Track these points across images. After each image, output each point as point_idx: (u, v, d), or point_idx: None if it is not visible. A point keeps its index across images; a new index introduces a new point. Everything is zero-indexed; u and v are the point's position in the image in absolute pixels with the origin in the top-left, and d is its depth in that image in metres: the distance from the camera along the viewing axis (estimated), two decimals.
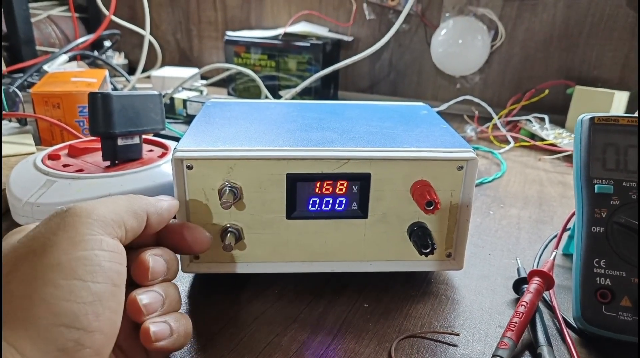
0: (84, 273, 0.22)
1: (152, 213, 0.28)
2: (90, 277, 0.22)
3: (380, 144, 0.35)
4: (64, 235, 0.22)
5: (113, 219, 0.24)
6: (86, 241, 0.22)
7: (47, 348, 0.20)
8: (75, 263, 0.22)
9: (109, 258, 0.23)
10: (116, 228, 0.24)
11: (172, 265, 0.28)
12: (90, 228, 0.23)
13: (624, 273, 0.32)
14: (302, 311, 0.35)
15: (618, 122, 0.37)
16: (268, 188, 0.34)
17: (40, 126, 0.65)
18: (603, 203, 0.35)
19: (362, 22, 1.01)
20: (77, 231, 0.23)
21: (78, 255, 0.22)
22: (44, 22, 1.09)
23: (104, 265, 0.22)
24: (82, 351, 0.21)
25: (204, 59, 1.19)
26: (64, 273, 0.21)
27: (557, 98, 0.89)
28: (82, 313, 0.21)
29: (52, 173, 0.44)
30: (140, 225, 0.27)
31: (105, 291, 0.22)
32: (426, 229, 0.36)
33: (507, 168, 0.68)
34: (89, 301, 0.21)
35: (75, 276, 0.21)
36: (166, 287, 0.27)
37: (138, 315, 0.25)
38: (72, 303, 0.21)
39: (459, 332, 0.33)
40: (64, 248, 0.22)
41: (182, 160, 0.33)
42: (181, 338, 0.26)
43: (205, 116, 0.42)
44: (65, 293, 0.21)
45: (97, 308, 0.22)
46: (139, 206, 0.27)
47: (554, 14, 0.87)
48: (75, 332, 0.21)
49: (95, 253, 0.22)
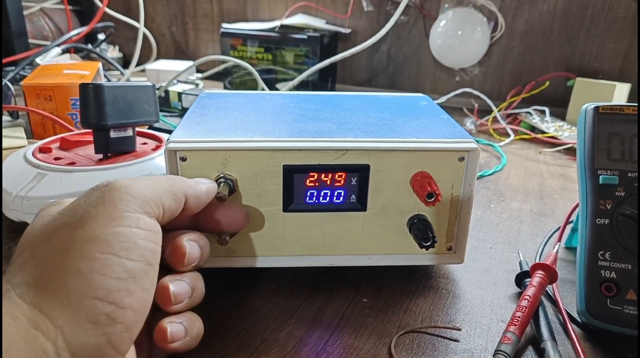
0: (120, 249, 0.22)
1: (190, 196, 0.27)
2: (125, 253, 0.22)
3: (379, 135, 0.34)
4: (103, 209, 0.22)
5: (151, 198, 0.24)
6: (123, 218, 0.22)
7: (80, 319, 0.20)
8: (112, 238, 0.22)
9: (144, 236, 0.23)
10: (154, 207, 0.24)
11: (205, 251, 0.28)
12: (129, 204, 0.23)
13: (629, 266, 0.32)
14: (300, 307, 0.34)
15: (623, 112, 0.36)
16: (264, 180, 0.33)
17: (32, 119, 0.63)
18: (608, 194, 0.34)
19: (360, 14, 1.00)
20: (115, 207, 0.22)
21: (115, 231, 0.22)
22: (37, 14, 1.08)
23: (139, 243, 0.22)
24: (114, 326, 0.21)
25: (200, 52, 1.17)
26: (100, 247, 0.21)
27: (557, 90, 0.88)
28: (116, 289, 0.21)
29: (42, 166, 0.43)
30: (178, 207, 0.26)
31: (139, 269, 0.22)
32: (426, 222, 0.35)
33: (508, 161, 0.67)
34: (122, 277, 0.21)
35: (111, 251, 0.21)
36: (194, 279, 0.27)
37: (166, 302, 0.25)
38: (107, 277, 0.21)
39: (460, 326, 0.32)
40: (101, 222, 0.22)
41: (176, 151, 0.32)
42: (193, 340, 0.26)
43: (200, 107, 0.41)
44: (101, 266, 0.21)
45: (130, 285, 0.21)
46: (178, 188, 0.27)
47: (554, 5, 0.86)
48: (107, 306, 0.21)
49: (131, 230, 0.22)
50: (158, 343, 0.25)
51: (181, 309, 0.26)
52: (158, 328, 0.25)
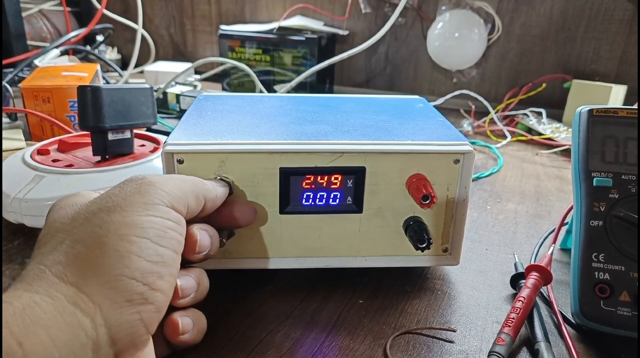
0: (154, 236, 0.23)
1: (209, 199, 0.29)
2: (159, 240, 0.23)
3: (375, 138, 0.35)
4: (139, 199, 0.24)
5: (180, 196, 0.26)
6: (157, 208, 0.24)
7: (117, 297, 0.21)
8: (148, 224, 0.23)
9: (174, 227, 0.25)
10: (181, 205, 0.26)
11: (215, 241, 0.29)
12: (162, 198, 0.25)
13: (623, 268, 0.32)
14: (296, 308, 0.34)
15: (617, 114, 0.36)
16: (261, 182, 0.34)
17: (31, 120, 0.64)
18: (602, 196, 0.34)
19: (358, 16, 1.00)
20: (150, 198, 0.24)
21: (150, 219, 0.24)
22: (36, 16, 1.08)
23: (168, 233, 0.24)
24: (146, 305, 0.22)
25: (198, 53, 1.17)
26: (137, 231, 0.23)
27: (554, 92, 0.89)
28: (149, 271, 0.22)
29: (40, 168, 0.43)
30: (198, 208, 0.28)
31: (169, 255, 0.24)
32: (422, 223, 0.35)
33: (504, 162, 0.67)
34: (155, 261, 0.23)
35: (146, 235, 0.23)
36: (200, 275, 0.28)
37: (174, 296, 0.26)
38: (142, 259, 0.22)
39: (455, 328, 0.33)
40: (137, 210, 0.23)
41: (173, 154, 0.32)
42: (200, 334, 0.28)
43: (197, 109, 0.41)
44: (138, 249, 0.22)
45: (161, 269, 0.23)
46: (200, 191, 0.28)
47: (551, 7, 0.86)
48: (142, 286, 0.22)
49: (163, 220, 0.24)
50: (169, 335, 0.26)
51: (187, 303, 0.27)
52: (170, 321, 0.26)
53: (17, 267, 0.38)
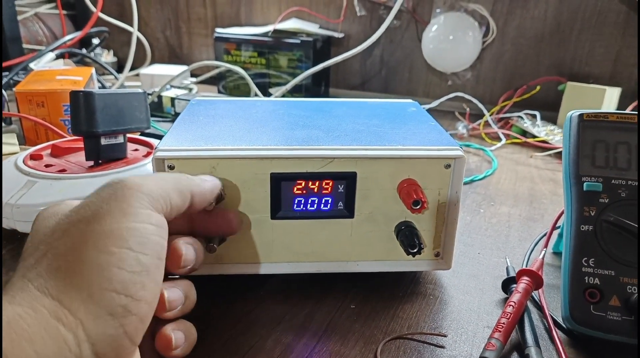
0: (135, 244, 0.22)
1: (196, 193, 0.28)
2: (140, 248, 0.23)
3: (366, 143, 0.35)
4: (116, 205, 0.23)
5: (160, 195, 0.25)
6: (136, 214, 0.23)
7: (99, 311, 0.21)
8: (127, 233, 0.22)
9: (156, 232, 0.24)
10: (163, 204, 0.25)
11: (200, 255, 0.29)
12: (141, 201, 0.24)
13: (612, 273, 0.32)
14: (288, 313, 0.34)
15: (607, 119, 0.36)
16: (252, 188, 0.34)
17: (25, 125, 0.64)
18: (592, 201, 0.34)
19: (353, 19, 1.00)
20: (128, 203, 0.23)
21: (129, 226, 0.23)
22: (31, 19, 1.08)
23: (151, 238, 0.23)
24: (130, 317, 0.22)
25: (194, 56, 1.17)
26: (116, 241, 0.22)
27: (548, 95, 0.89)
28: (132, 282, 0.22)
29: (33, 174, 0.43)
30: (184, 203, 0.27)
31: (152, 263, 0.23)
32: (413, 228, 0.35)
33: (499, 165, 0.67)
34: (137, 271, 0.22)
35: (126, 245, 0.22)
36: (187, 287, 0.28)
37: (161, 309, 0.26)
38: (123, 271, 0.22)
39: (446, 333, 0.33)
40: (116, 217, 0.23)
41: (164, 160, 0.33)
42: (190, 346, 0.27)
43: (189, 114, 0.41)
44: (117, 260, 0.22)
45: (144, 278, 0.22)
46: (185, 185, 0.27)
47: (545, 10, 0.87)
48: (124, 298, 0.21)
49: (144, 226, 0.23)
50: (161, 350, 0.26)
51: (174, 316, 0.26)
52: (162, 336, 0.26)
53: (10, 273, 0.38)
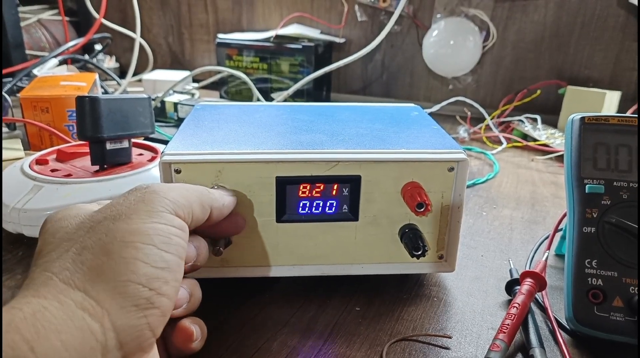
0: (159, 242, 0.24)
1: (215, 208, 0.29)
2: (165, 247, 0.24)
3: (370, 146, 0.35)
4: (143, 207, 0.25)
5: (184, 205, 0.26)
6: (161, 216, 0.25)
7: (124, 302, 0.22)
8: (152, 231, 0.24)
9: (178, 234, 0.25)
10: (185, 213, 0.26)
11: (202, 251, 0.29)
12: (166, 205, 0.25)
13: (615, 274, 0.32)
14: (293, 316, 0.34)
15: (608, 122, 0.37)
16: (257, 192, 0.34)
17: (29, 130, 0.64)
18: (594, 203, 0.35)
19: (354, 24, 1.01)
20: (154, 206, 0.25)
21: (155, 226, 0.24)
22: (34, 26, 1.08)
23: (173, 239, 0.25)
24: (152, 310, 0.22)
25: (196, 62, 1.18)
26: (142, 238, 0.23)
27: (549, 98, 0.89)
28: (155, 277, 0.23)
29: (39, 178, 0.44)
30: (204, 217, 0.28)
31: (174, 261, 0.24)
32: (417, 231, 0.35)
33: (500, 168, 0.68)
34: (161, 266, 0.23)
35: (151, 242, 0.23)
36: (192, 286, 0.28)
37: None
38: (148, 266, 0.23)
39: (451, 334, 0.33)
40: (142, 217, 0.24)
41: (170, 164, 0.33)
42: (203, 342, 0.28)
43: (194, 119, 0.42)
44: (144, 255, 0.23)
45: (166, 275, 0.23)
46: (206, 200, 0.29)
47: (544, 14, 0.87)
48: (148, 291, 0.22)
49: (168, 227, 0.25)
50: (180, 343, 0.27)
51: (180, 314, 0.27)
52: (182, 328, 0.27)
53: (18, 277, 0.38)
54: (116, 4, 1.18)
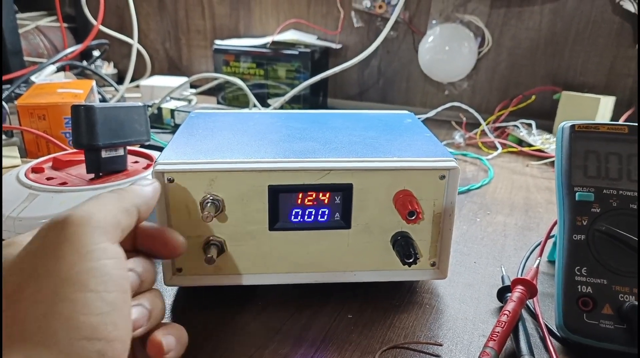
0: (96, 285, 0.21)
1: (140, 205, 0.27)
2: (103, 287, 0.21)
3: (362, 155, 0.36)
4: (69, 247, 0.22)
5: (110, 223, 0.24)
6: (91, 252, 0.22)
7: None
8: (86, 275, 0.21)
9: (115, 265, 0.22)
10: (114, 232, 0.24)
11: (146, 277, 0.27)
12: (92, 236, 0.22)
13: (605, 281, 0.33)
14: (285, 323, 0.35)
15: (598, 130, 0.37)
16: (250, 200, 0.34)
17: (26, 138, 0.64)
18: (584, 210, 0.35)
19: (350, 30, 1.01)
20: (80, 242, 0.22)
21: (87, 267, 0.21)
22: (32, 32, 1.09)
23: (112, 273, 0.22)
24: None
25: (193, 67, 1.19)
26: (76, 287, 0.21)
27: (544, 104, 0.90)
28: (101, 324, 0.21)
29: (34, 187, 0.44)
30: (132, 221, 0.26)
31: (118, 299, 0.22)
32: (409, 239, 0.36)
33: (495, 174, 0.68)
34: (105, 311, 0.21)
35: (88, 288, 0.21)
36: (152, 299, 0.27)
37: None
38: (90, 315, 0.20)
39: (442, 342, 0.33)
40: (71, 262, 0.21)
41: (163, 173, 0.33)
42: (182, 348, 0.27)
43: (189, 127, 0.42)
44: (82, 306, 0.20)
45: (114, 317, 0.21)
46: (129, 202, 0.26)
47: (539, 21, 0.88)
48: (97, 343, 0.20)
49: (102, 263, 0.22)
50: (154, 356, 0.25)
51: (141, 334, 0.25)
52: (152, 342, 0.25)
53: None
54: (114, 10, 1.19)
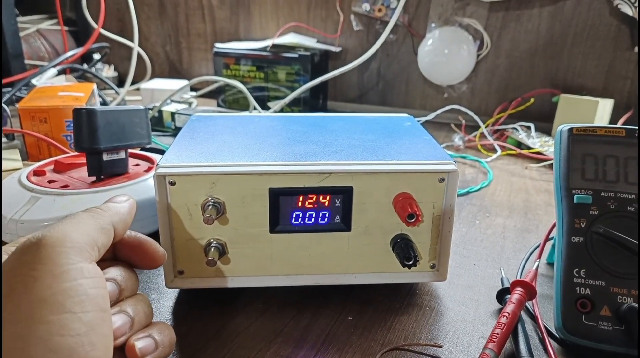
0: (72, 305, 0.21)
1: (116, 222, 0.27)
2: (80, 308, 0.21)
3: (362, 158, 0.36)
4: (43, 269, 0.21)
5: (86, 242, 0.24)
6: (67, 272, 0.22)
7: None
8: (62, 296, 0.21)
9: (92, 284, 0.22)
10: (90, 251, 0.24)
11: (126, 285, 0.27)
12: (67, 257, 0.22)
13: (603, 283, 0.33)
14: (286, 326, 0.35)
15: (596, 133, 0.37)
16: (251, 203, 0.35)
17: (27, 141, 0.65)
18: (582, 213, 0.35)
19: (350, 33, 1.02)
20: (55, 263, 0.22)
21: (63, 287, 0.21)
22: (33, 36, 1.09)
23: (90, 293, 0.22)
24: None
25: (194, 70, 1.19)
26: (52, 308, 0.21)
27: (543, 106, 0.90)
28: (79, 345, 0.21)
29: (36, 189, 0.44)
30: (109, 240, 0.26)
31: (96, 318, 0.22)
32: (409, 241, 0.36)
33: (494, 176, 0.68)
34: (82, 332, 0.21)
35: (64, 309, 0.21)
36: (134, 304, 0.26)
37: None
38: (67, 337, 0.20)
39: (442, 343, 0.33)
40: (47, 283, 0.21)
41: (165, 176, 0.33)
42: (166, 349, 0.26)
43: (190, 130, 0.42)
44: (58, 328, 0.20)
45: (91, 337, 0.21)
46: (105, 221, 0.26)
47: (538, 24, 0.88)
48: None
49: (79, 282, 0.22)
50: None
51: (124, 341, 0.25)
52: (127, 347, 0.25)
53: None
54: (114, 13, 1.19)
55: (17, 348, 0.20)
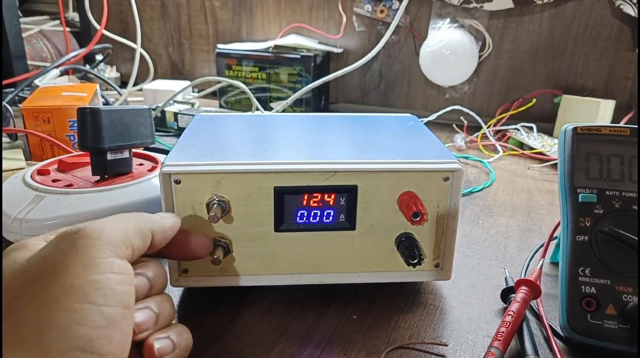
0: (97, 297, 0.22)
1: (156, 232, 0.28)
2: (103, 301, 0.22)
3: (366, 157, 0.36)
4: (76, 258, 0.22)
5: (122, 240, 0.24)
6: (98, 264, 0.22)
7: None
8: (88, 286, 0.22)
9: (120, 280, 0.23)
10: (124, 249, 0.24)
11: (156, 282, 0.27)
12: (101, 250, 0.23)
13: (608, 282, 0.33)
14: (291, 324, 0.35)
15: (600, 132, 0.38)
16: (256, 201, 0.35)
17: (31, 140, 0.65)
18: (587, 212, 0.35)
19: (352, 34, 1.02)
20: (88, 254, 0.22)
21: (91, 278, 0.22)
22: (36, 37, 1.10)
23: (115, 288, 0.22)
24: None
25: (196, 71, 1.19)
26: (77, 297, 0.21)
27: (544, 107, 0.90)
28: (96, 338, 0.21)
29: (41, 189, 0.44)
30: (145, 244, 0.27)
31: (118, 314, 0.22)
32: (413, 240, 0.36)
33: (496, 176, 0.68)
34: (102, 325, 0.21)
35: (88, 300, 0.21)
36: (160, 303, 0.27)
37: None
38: (87, 327, 0.21)
39: (447, 342, 0.33)
40: (76, 271, 0.22)
41: (170, 174, 0.33)
42: (182, 352, 0.27)
43: (194, 129, 0.42)
44: (80, 317, 0.21)
45: (110, 332, 0.22)
46: (145, 225, 0.27)
47: (539, 24, 0.88)
48: (89, 355, 0.21)
49: (107, 276, 0.22)
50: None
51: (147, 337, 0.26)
52: (146, 346, 0.25)
53: None
54: (117, 14, 1.19)
55: (37, 331, 0.20)
